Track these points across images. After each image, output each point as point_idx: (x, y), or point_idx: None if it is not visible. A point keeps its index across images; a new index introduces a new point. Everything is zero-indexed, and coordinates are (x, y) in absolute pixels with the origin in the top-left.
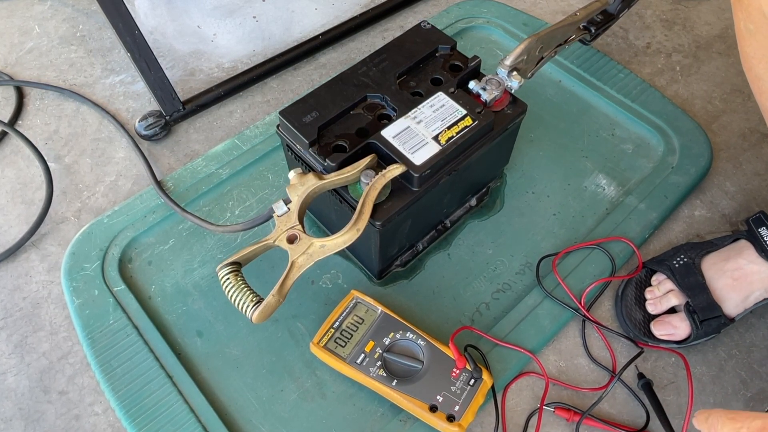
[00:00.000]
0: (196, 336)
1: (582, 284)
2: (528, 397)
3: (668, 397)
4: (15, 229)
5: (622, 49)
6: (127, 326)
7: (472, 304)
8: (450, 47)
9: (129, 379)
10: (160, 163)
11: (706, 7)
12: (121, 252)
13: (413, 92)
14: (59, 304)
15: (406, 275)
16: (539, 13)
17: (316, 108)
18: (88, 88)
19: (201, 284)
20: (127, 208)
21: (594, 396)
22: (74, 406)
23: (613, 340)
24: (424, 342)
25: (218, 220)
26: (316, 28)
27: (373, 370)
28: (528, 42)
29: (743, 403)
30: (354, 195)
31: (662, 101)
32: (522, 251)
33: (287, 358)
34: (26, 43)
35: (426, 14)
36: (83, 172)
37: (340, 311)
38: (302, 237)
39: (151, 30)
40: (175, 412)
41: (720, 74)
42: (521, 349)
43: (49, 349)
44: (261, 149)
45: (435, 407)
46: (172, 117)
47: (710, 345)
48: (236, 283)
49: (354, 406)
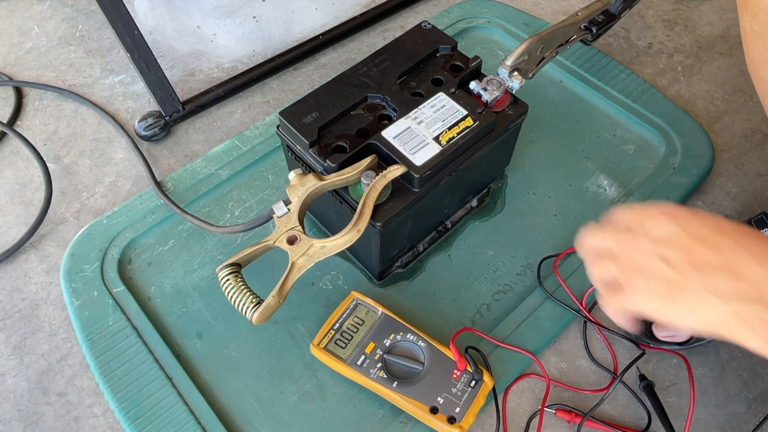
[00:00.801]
0: (196, 337)
1: (583, 285)
2: (529, 398)
3: (670, 398)
4: (14, 230)
5: (623, 50)
6: (126, 327)
7: (473, 305)
8: (451, 47)
9: (128, 381)
10: (159, 163)
11: (708, 7)
12: (120, 253)
13: (414, 93)
14: (58, 306)
15: (407, 276)
16: (540, 13)
17: (316, 108)
18: (87, 89)
19: (201, 285)
20: (127, 209)
21: (595, 398)
22: (73, 408)
23: (614, 341)
24: (425, 343)
25: (218, 221)
26: (316, 28)
27: (374, 371)
28: (529, 42)
29: (745, 405)
30: (354, 196)
31: (664, 102)
32: (523, 252)
33: (287, 360)
34: (25, 43)
35: (427, 14)
36: (82, 172)
37: (341, 312)
38: (302, 238)
39: (151, 30)
40: (175, 414)
41: (722, 74)
42: (522, 350)
43: (48, 350)
44: (261, 150)
45: (436, 409)
46: (172, 117)
47: (712, 347)
48: (236, 284)
49: (354, 407)
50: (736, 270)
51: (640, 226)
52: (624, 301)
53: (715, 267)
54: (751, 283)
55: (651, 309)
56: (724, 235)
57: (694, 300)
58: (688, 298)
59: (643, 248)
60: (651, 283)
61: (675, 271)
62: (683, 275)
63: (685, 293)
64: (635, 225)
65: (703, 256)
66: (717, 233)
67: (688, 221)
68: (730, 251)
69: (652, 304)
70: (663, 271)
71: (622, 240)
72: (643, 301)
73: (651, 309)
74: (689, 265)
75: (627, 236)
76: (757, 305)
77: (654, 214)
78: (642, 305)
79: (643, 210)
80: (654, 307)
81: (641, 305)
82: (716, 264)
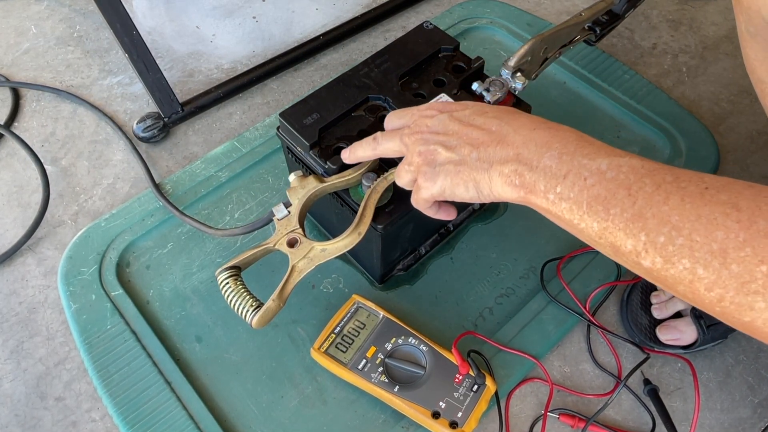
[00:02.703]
0: (195, 341)
1: (587, 289)
2: (532, 403)
3: (674, 403)
4: (11, 232)
5: (627, 50)
6: (124, 331)
7: (475, 308)
8: (453, 48)
9: (127, 385)
10: (158, 165)
11: (713, 7)
12: (118, 256)
13: (415, 94)
14: (56, 309)
15: (409, 280)
16: (543, 13)
17: (316, 110)
18: (85, 90)
19: (200, 289)
20: (125, 211)
21: (599, 402)
22: (71, 413)
23: (618, 345)
24: (427, 347)
25: (217, 224)
26: (316, 28)
27: (375, 375)
28: (532, 43)
29: (751, 410)
30: (355, 198)
31: (668, 103)
32: (526, 255)
33: (287, 364)
34: (22, 43)
35: (428, 14)
36: (80, 174)
37: (341, 316)
38: (303, 241)
39: (149, 30)
40: (174, 419)
41: (727, 75)
42: (525, 354)
43: (45, 354)
44: (261, 151)
45: (438, 414)
46: (171, 119)
47: (717, 350)
48: (236, 287)
49: (355, 412)
50: (502, 141)
51: (416, 124)
52: (424, 192)
53: (484, 142)
54: (512, 147)
55: (441, 189)
56: (488, 116)
57: (474, 172)
58: (469, 172)
59: (425, 140)
60: (437, 168)
61: (455, 153)
62: (462, 155)
63: (466, 169)
64: (412, 124)
65: (474, 135)
66: (481, 115)
67: (457, 111)
68: (496, 127)
69: (443, 185)
70: (446, 156)
71: (406, 140)
72: (435, 185)
73: (441, 189)
74: (466, 145)
75: (408, 136)
76: (516, 164)
77: (424, 111)
78: (435, 190)
79: (414, 108)
80: (444, 186)
81: (435, 189)
82: (485, 139)
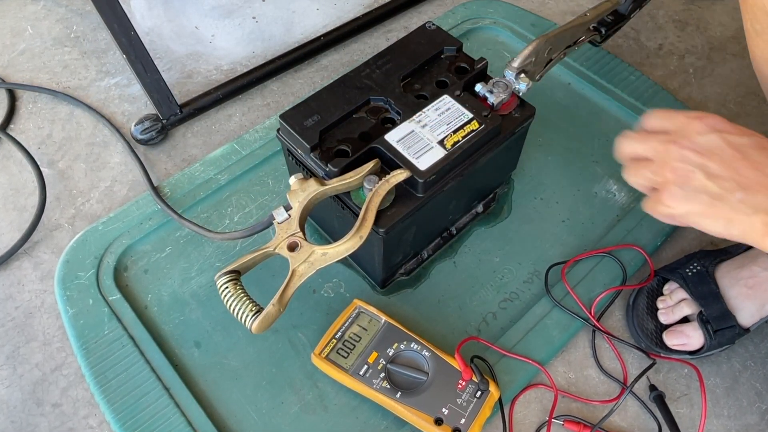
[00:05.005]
0: (194, 347)
1: (592, 293)
2: (536, 409)
3: (681, 409)
4: (7, 236)
5: (633, 51)
6: (122, 337)
7: (478, 313)
8: (456, 49)
9: (125, 392)
10: (156, 168)
11: (720, 7)
12: (116, 260)
13: (418, 95)
14: (53, 314)
15: (411, 284)
16: (548, 13)
17: (317, 111)
18: (82, 91)
19: (199, 293)
20: (123, 214)
21: (604, 408)
22: (68, 419)
23: (624, 350)
24: (429, 353)
25: (217, 227)
26: (317, 29)
27: (377, 381)
28: (536, 43)
29: (759, 416)
30: (357, 201)
31: (675, 104)
32: (530, 259)
33: (288, 370)
34: (18, 44)
35: (431, 15)
36: (77, 177)
37: (343, 321)
38: (303, 244)
39: (148, 31)
40: (173, 426)
41: (734, 76)
42: (529, 360)
43: (42, 360)
44: (261, 154)
45: (440, 420)
46: (169, 121)
47: (724, 356)
48: (235, 292)
49: (357, 419)
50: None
51: (680, 134)
52: (664, 209)
53: (756, 184)
54: None
55: (686, 215)
56: (764, 153)
57: (732, 212)
58: (726, 210)
59: (685, 157)
60: (689, 193)
61: (716, 184)
62: (725, 190)
63: (724, 206)
64: (675, 132)
65: (745, 173)
66: (758, 150)
67: (732, 135)
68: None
69: (690, 211)
70: (704, 183)
71: (661, 147)
72: (680, 207)
73: (686, 215)
74: (732, 181)
75: (667, 144)
76: None
77: (695, 123)
78: (678, 211)
79: (683, 116)
80: (691, 213)
81: (679, 211)
82: (757, 181)
